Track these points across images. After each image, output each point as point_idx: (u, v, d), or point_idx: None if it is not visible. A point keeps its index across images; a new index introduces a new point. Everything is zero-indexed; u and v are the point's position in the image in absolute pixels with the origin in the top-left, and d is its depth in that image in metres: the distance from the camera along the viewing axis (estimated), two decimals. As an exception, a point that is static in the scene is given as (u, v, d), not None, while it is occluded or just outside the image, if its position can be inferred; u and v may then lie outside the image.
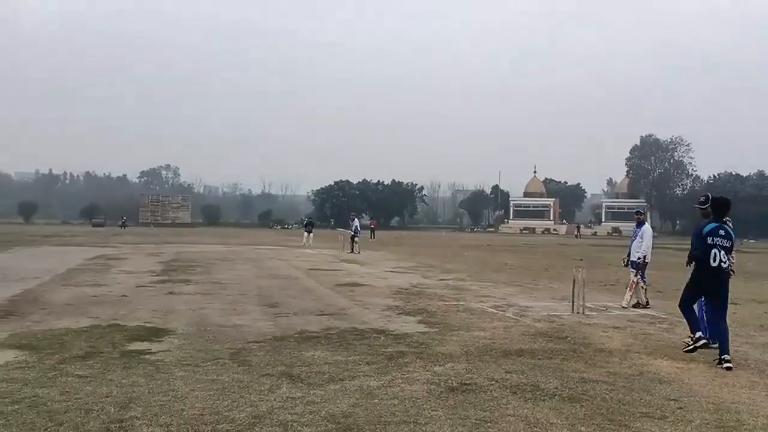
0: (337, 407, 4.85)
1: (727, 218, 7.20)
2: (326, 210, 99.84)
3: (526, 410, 4.89)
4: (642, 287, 11.29)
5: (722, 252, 6.89)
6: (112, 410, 4.67)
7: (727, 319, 6.96)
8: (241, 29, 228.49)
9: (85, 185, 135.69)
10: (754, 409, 5.07)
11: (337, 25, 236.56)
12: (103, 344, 7.03)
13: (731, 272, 7.50)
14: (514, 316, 9.92)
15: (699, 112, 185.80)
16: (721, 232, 6.99)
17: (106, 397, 5.00)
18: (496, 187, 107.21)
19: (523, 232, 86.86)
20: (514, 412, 4.84)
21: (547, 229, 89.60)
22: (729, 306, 7.09)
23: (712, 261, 6.85)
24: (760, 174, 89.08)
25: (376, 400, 5.05)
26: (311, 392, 5.25)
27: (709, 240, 6.92)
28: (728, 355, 6.67)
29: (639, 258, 11.24)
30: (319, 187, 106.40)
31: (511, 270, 20.11)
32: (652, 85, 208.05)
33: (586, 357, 6.90)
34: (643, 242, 11.30)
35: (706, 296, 7.23)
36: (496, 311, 10.45)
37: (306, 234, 34.57)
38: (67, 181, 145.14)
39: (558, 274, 18.09)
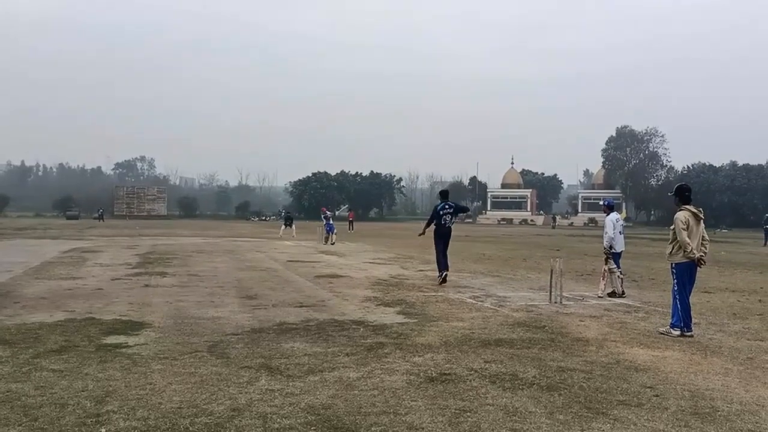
0: (317, 399, 4.84)
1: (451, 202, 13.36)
2: (304, 202, 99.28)
3: (504, 399, 4.92)
4: (618, 276, 11.42)
5: (449, 217, 13.07)
6: (89, 404, 4.61)
7: (447, 255, 13.00)
8: (218, 21, 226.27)
9: (59, 177, 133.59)
10: (728, 396, 5.16)
11: (316, 17, 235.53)
12: (79, 338, 6.93)
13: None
14: (492, 307, 9.98)
15: (674, 103, 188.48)
16: (447, 206, 13.09)
17: (82, 391, 4.93)
18: (474, 179, 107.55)
19: (501, 222, 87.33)
20: (493, 401, 4.87)
21: (525, 220, 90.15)
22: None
23: (443, 223, 13.00)
24: (733, 164, 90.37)
25: (355, 391, 5.05)
26: (290, 384, 5.23)
27: (441, 212, 13.02)
28: (447, 271, 12.87)
29: (604, 248, 11.50)
30: (296, 179, 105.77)
31: (489, 260, 20.23)
32: (628, 77, 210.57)
33: (564, 346, 6.97)
34: (606, 233, 11.48)
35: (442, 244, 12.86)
36: (474, 302, 10.50)
37: (283, 227, 34.55)
38: (40, 173, 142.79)
39: (535, 265, 18.24)
